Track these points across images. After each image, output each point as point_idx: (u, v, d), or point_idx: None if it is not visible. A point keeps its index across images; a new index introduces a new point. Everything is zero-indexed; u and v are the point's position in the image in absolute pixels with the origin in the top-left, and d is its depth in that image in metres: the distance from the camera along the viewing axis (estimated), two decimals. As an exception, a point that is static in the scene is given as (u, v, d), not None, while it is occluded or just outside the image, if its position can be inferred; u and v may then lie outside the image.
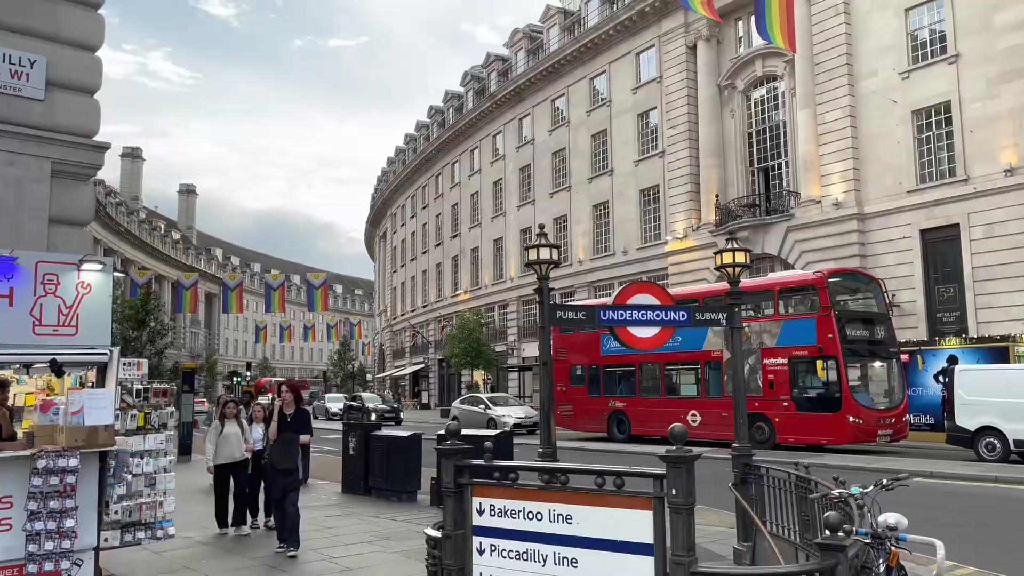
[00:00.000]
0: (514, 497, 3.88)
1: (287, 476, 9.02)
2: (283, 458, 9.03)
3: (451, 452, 4.03)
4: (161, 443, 7.84)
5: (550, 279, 7.80)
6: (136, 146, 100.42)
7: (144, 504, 7.66)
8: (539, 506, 3.77)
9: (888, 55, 28.38)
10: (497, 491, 3.94)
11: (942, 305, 26.77)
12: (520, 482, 3.93)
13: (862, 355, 21.36)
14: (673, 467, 3.43)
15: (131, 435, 7.64)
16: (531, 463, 4.36)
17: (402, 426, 33.93)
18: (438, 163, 62.02)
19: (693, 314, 8.18)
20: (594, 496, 3.66)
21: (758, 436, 21.73)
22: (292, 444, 9.18)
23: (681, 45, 36.33)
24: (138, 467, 7.66)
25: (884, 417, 20.40)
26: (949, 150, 26.60)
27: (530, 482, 3.92)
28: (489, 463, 4.02)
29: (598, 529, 3.61)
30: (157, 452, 7.80)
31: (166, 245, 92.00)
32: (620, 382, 27.15)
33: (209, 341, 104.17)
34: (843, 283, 22.87)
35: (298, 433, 9.39)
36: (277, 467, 9.04)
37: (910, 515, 10.27)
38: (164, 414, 7.94)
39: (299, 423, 9.47)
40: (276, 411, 9.37)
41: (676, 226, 35.86)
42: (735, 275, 8.23)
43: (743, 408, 8.14)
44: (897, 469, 15.69)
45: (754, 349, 22.17)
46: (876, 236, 28.34)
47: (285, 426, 9.24)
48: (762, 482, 7.66)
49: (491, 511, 3.91)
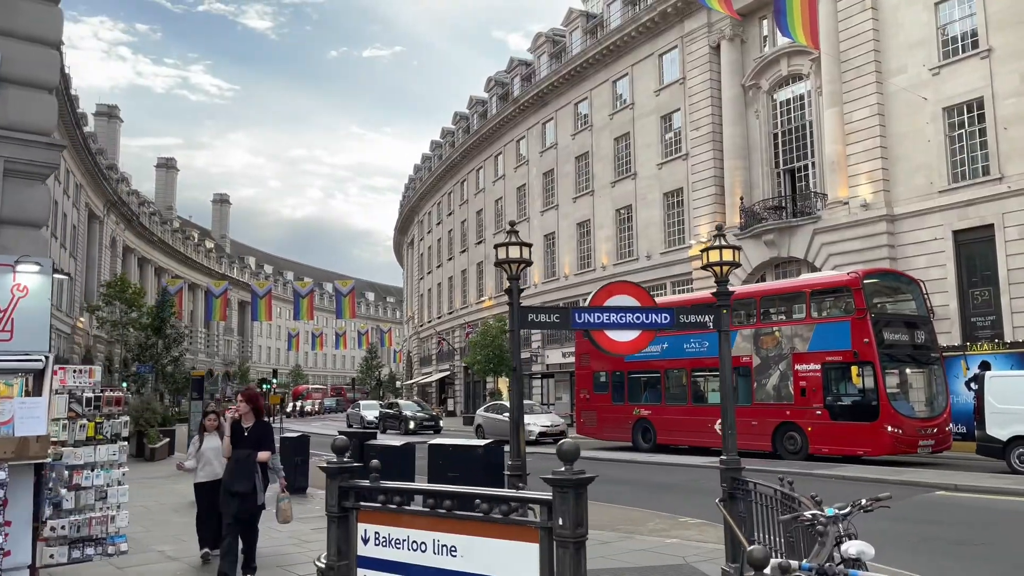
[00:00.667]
0: (400, 524, 3.40)
1: (243, 501, 7.72)
2: (237, 479, 7.74)
3: (336, 471, 3.54)
4: (113, 454, 7.48)
5: (577, 284, 7.29)
6: (171, 157, 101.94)
7: (94, 519, 7.30)
8: (424, 535, 3.28)
9: (918, 51, 27.40)
10: (383, 517, 3.46)
11: (976, 309, 25.69)
12: (407, 507, 3.44)
13: (901, 360, 20.38)
14: (560, 492, 2.90)
15: (80, 446, 7.29)
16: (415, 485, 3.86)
17: (441, 435, 33.38)
18: (463, 169, 61.83)
19: (677, 316, 7.62)
20: (481, 525, 3.16)
21: (790, 446, 20.94)
22: (248, 463, 7.81)
23: (704, 45, 35.60)
24: (88, 479, 7.31)
25: (925, 426, 19.37)
26: (982, 148, 25.55)
27: (416, 508, 3.43)
28: (374, 484, 3.53)
29: (483, 564, 3.11)
30: (109, 464, 7.45)
31: (199, 254, 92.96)
32: (645, 389, 26.45)
33: (242, 349, 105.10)
34: (880, 284, 21.91)
35: (256, 449, 7.92)
36: (229, 490, 7.76)
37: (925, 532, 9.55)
38: (117, 424, 7.57)
39: (258, 438, 7.99)
40: (229, 424, 8.07)
41: (700, 230, 35.06)
42: (723, 274, 7.66)
43: (731, 417, 7.55)
44: (918, 482, 14.90)
45: (785, 354, 21.38)
46: (906, 238, 27.33)
47: (242, 441, 7.90)
48: (750, 498, 7.08)
49: (376, 539, 3.42)
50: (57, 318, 47.58)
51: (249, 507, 7.80)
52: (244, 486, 7.70)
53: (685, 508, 12.24)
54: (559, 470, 2.97)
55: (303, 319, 46.44)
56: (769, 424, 21.51)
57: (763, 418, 21.68)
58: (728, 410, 7.59)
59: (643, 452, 24.48)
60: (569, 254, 44.87)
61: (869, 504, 4.76)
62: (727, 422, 7.51)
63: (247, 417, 8.04)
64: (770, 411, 21.68)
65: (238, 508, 7.71)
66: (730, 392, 7.72)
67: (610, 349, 7.47)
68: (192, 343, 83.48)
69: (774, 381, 21.74)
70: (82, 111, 57.16)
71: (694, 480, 17.13)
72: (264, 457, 7.99)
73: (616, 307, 7.38)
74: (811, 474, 16.59)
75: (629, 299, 7.53)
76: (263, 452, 8.00)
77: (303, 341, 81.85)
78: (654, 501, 13.73)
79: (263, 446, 8.04)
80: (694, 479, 17.29)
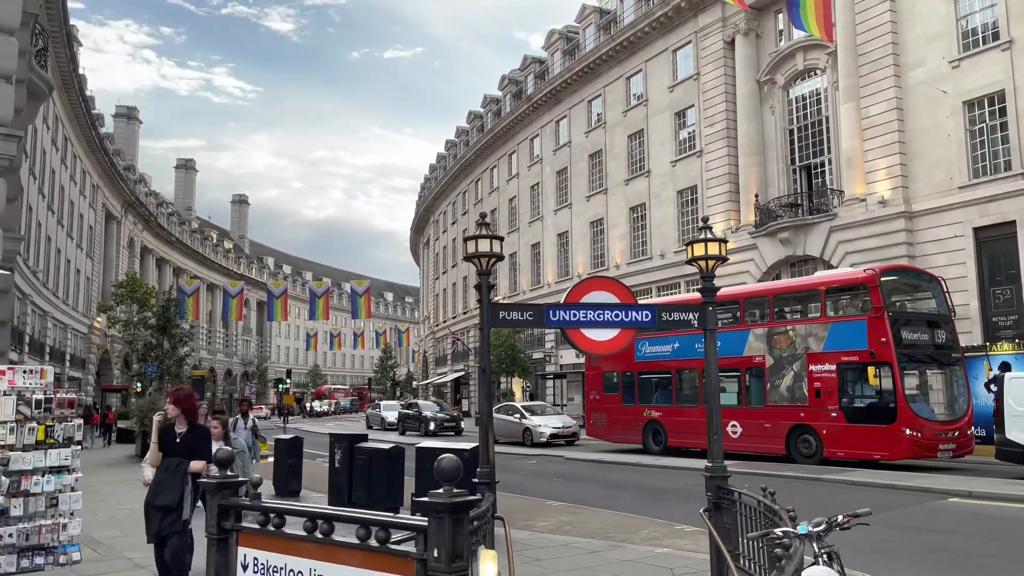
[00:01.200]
0: (280, 549, 2.99)
1: (166, 515, 6.64)
2: (163, 491, 6.69)
3: (215, 487, 3.13)
4: (65, 459, 7.16)
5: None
6: (190, 158, 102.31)
7: (44, 527, 6.99)
8: (302, 564, 2.87)
9: (936, 43, 26.65)
10: (263, 540, 3.06)
11: (998, 308, 24.90)
12: (285, 530, 3.02)
13: (920, 360, 19.57)
14: (435, 519, 2.46)
15: (29, 450, 6.97)
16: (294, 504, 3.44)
17: (462, 436, 32.99)
18: (478, 168, 61.52)
19: (659, 313, 7.15)
20: (356, 553, 2.75)
21: (804, 449, 20.29)
22: (178, 473, 6.76)
23: (718, 40, 34.97)
24: (37, 485, 6.99)
25: (945, 430, 18.56)
26: (1004, 142, 24.78)
27: (295, 531, 3.01)
28: (253, 503, 3.12)
29: (359, 599, 2.69)
30: (60, 469, 7.12)
31: (218, 254, 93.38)
32: (656, 390, 25.85)
33: (261, 348, 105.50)
34: (898, 281, 21.13)
35: (188, 458, 6.82)
36: (152, 504, 6.71)
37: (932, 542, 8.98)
38: (70, 427, 7.24)
39: (191, 445, 6.86)
40: (156, 428, 7.02)
41: (715, 228, 34.31)
42: (708, 269, 7.19)
43: (717, 420, 7.08)
44: (931, 488, 14.29)
45: (799, 354, 20.73)
46: (925, 235, 26.58)
47: (173, 448, 6.87)
48: (734, 509, 6.61)
49: (255, 566, 3.02)
50: (74, 318, 47.81)
51: (172, 524, 6.67)
52: (168, 499, 6.65)
53: (684, 515, 11.72)
54: (436, 491, 2.52)
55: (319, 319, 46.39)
56: (783, 427, 20.89)
57: (776, 420, 21.07)
58: (714, 413, 7.12)
59: (653, 455, 23.92)
60: (583, 253, 44.37)
61: (846, 521, 4.31)
62: (712, 425, 7.05)
63: (180, 421, 7.00)
64: (784, 413, 21.05)
65: (159, 525, 6.64)
66: (716, 394, 7.26)
67: (587, 349, 7.04)
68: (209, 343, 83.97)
69: (788, 382, 21.11)
70: (98, 112, 57.43)
71: (699, 485, 16.54)
72: (197, 467, 6.72)
73: (593, 304, 6.93)
74: (820, 479, 16.03)
75: (608, 295, 7.08)
76: (196, 461, 6.79)
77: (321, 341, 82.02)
78: (654, 507, 13.24)
79: (197, 454, 6.87)
80: (699, 484, 16.71)
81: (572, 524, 11.56)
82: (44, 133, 39.20)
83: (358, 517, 2.76)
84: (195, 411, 7.16)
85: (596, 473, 20.33)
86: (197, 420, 7.17)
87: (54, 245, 42.33)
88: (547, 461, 23.75)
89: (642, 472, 20.14)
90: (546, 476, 19.59)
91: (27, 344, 36.51)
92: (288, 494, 15.05)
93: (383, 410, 46.80)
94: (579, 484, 17.71)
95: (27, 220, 36.01)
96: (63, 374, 44.09)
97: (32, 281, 36.86)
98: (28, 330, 36.96)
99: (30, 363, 37.12)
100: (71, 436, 7.22)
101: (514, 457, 25.06)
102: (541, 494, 15.38)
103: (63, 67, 39.97)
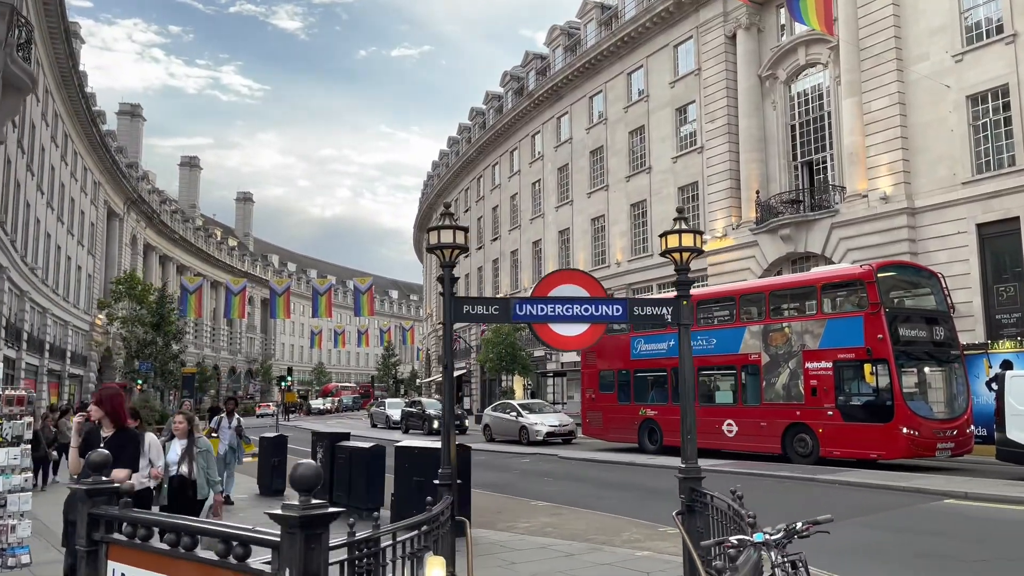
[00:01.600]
0: (149, 565, 2.71)
1: None
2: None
3: (86, 494, 2.85)
4: (14, 458, 6.90)
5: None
6: (194, 155, 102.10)
7: (-9, 527, 6.75)
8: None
9: (939, 37, 26.23)
10: (132, 555, 2.78)
11: (1001, 306, 24.49)
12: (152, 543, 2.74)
13: (918, 358, 19.20)
14: (288, 533, 2.16)
15: (-25, 449, 6.74)
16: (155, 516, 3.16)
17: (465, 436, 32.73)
18: (479, 165, 61.23)
19: (631, 308, 6.86)
20: (216, 570, 2.46)
21: (800, 448, 19.96)
22: None
23: (720, 35, 34.59)
24: (-17, 485, 6.76)
25: (944, 428, 18.23)
26: (1007, 137, 24.36)
27: (161, 546, 2.73)
28: (123, 513, 2.84)
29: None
30: (9, 469, 6.88)
31: (222, 252, 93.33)
32: (652, 388, 25.55)
33: (265, 346, 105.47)
34: (896, 277, 20.73)
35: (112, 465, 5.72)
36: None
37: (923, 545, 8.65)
38: (19, 425, 6.99)
39: (117, 450, 5.52)
40: (76, 431, 6.35)
41: (715, 224, 34.07)
42: (683, 261, 6.89)
43: (691, 418, 6.79)
44: (926, 489, 13.96)
45: (795, 352, 20.39)
46: (928, 232, 26.18)
47: None
48: (707, 512, 6.32)
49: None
50: (75, 315, 47.68)
51: None
52: None
53: (670, 516, 11.40)
54: (290, 503, 2.22)
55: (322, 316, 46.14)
56: (778, 425, 20.58)
57: (772, 419, 20.75)
58: (687, 411, 6.83)
59: (648, 454, 23.64)
60: (584, 250, 44.05)
61: (805, 529, 4.01)
62: (686, 425, 6.76)
63: (106, 424, 6.25)
64: (779, 411, 20.72)
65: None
66: (690, 392, 6.96)
67: (555, 345, 6.75)
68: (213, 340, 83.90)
69: (784, 380, 20.78)
70: (99, 109, 57.31)
71: (692, 484, 16.26)
72: (119, 476, 5.67)
73: (562, 298, 6.64)
74: (815, 479, 15.71)
75: (577, 289, 6.78)
76: (118, 470, 5.72)
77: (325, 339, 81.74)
78: (641, 508, 12.95)
79: (122, 461, 5.86)
80: (692, 483, 16.42)
81: (554, 525, 11.28)
82: (43, 130, 39.08)
83: (218, 531, 2.48)
84: (122, 412, 6.36)
85: (588, 472, 20.04)
86: (125, 422, 6.39)
87: (53, 242, 42.20)
88: (541, 460, 23.47)
89: (634, 472, 19.85)
90: (537, 475, 19.32)
91: (25, 341, 36.37)
92: (272, 493, 14.82)
93: (388, 408, 46.80)
94: (569, 483, 17.44)
95: (24, 217, 35.89)
96: (63, 371, 44.00)
97: (30, 278, 36.71)
98: (26, 327, 36.83)
99: (28, 359, 37.01)
100: (20, 435, 6.97)
101: (508, 456, 24.81)
102: (529, 494, 15.12)
103: (62, 64, 39.85)
